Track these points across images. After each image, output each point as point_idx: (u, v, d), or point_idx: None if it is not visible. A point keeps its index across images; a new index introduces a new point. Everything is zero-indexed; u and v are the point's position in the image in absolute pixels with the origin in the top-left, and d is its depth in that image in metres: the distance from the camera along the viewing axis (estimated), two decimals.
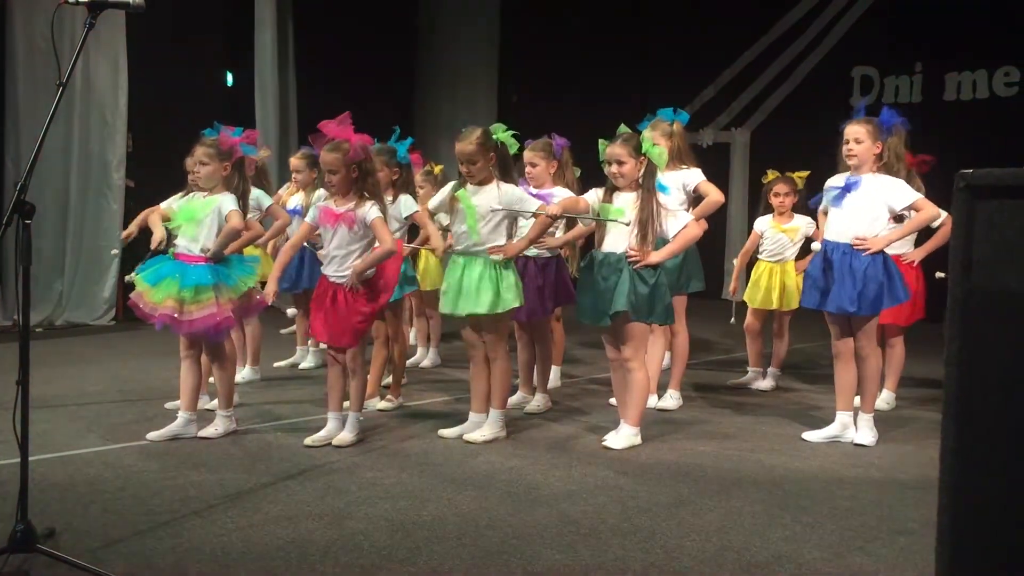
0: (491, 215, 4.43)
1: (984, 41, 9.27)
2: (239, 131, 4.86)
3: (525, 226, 4.72)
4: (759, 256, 6.12)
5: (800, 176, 6.11)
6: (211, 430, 4.53)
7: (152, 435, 4.45)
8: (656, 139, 4.67)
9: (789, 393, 5.99)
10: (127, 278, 4.75)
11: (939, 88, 9.80)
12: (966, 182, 1.85)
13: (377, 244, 4.38)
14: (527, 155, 5.26)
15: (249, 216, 4.76)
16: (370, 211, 4.33)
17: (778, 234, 6.03)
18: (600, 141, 4.49)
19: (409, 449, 4.43)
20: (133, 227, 5.11)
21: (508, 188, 4.51)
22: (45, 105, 2.99)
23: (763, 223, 6.10)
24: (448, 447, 4.46)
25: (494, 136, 4.56)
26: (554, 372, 5.76)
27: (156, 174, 6.65)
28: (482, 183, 4.49)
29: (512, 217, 4.57)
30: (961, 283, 1.88)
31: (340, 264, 4.40)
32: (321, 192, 4.99)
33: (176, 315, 4.28)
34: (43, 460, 4.07)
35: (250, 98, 9.80)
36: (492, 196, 4.45)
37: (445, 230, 5.13)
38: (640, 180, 4.39)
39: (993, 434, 1.85)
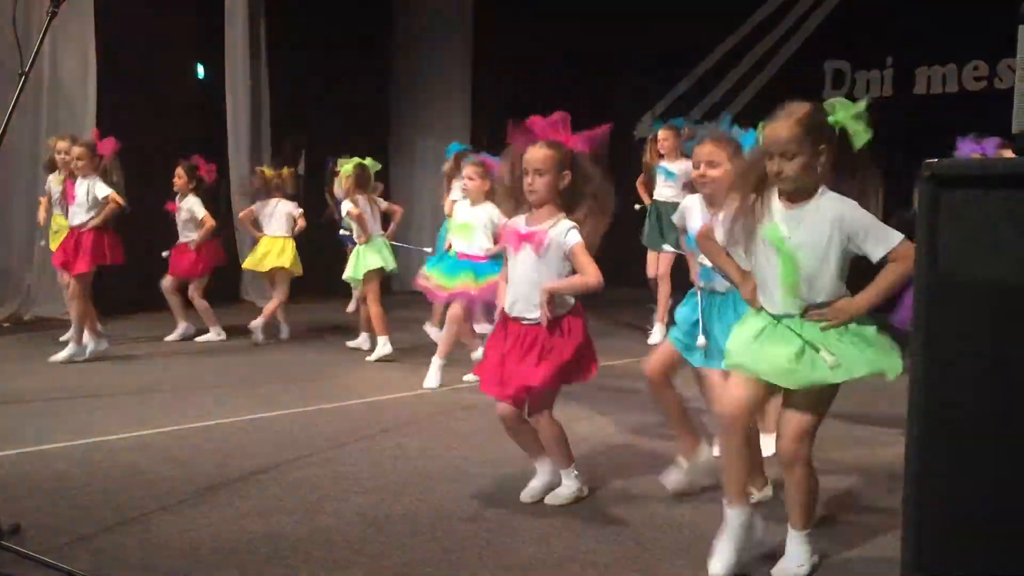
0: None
1: (953, 36, 9.35)
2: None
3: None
4: None
5: None
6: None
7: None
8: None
9: None
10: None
11: (910, 82, 9.89)
12: (931, 171, 1.87)
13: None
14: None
15: None
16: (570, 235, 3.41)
17: None
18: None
19: (383, 443, 4.41)
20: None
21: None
22: (9, 95, 2.94)
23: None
24: (422, 440, 4.45)
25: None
26: None
27: (126, 167, 6.56)
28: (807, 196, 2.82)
29: None
30: (926, 273, 1.89)
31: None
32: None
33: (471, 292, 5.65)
34: (9, 455, 4.03)
35: (221, 91, 9.72)
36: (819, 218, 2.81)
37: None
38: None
39: (958, 424, 1.86)
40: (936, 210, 1.84)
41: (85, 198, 6.31)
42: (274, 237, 7.58)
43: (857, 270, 2.81)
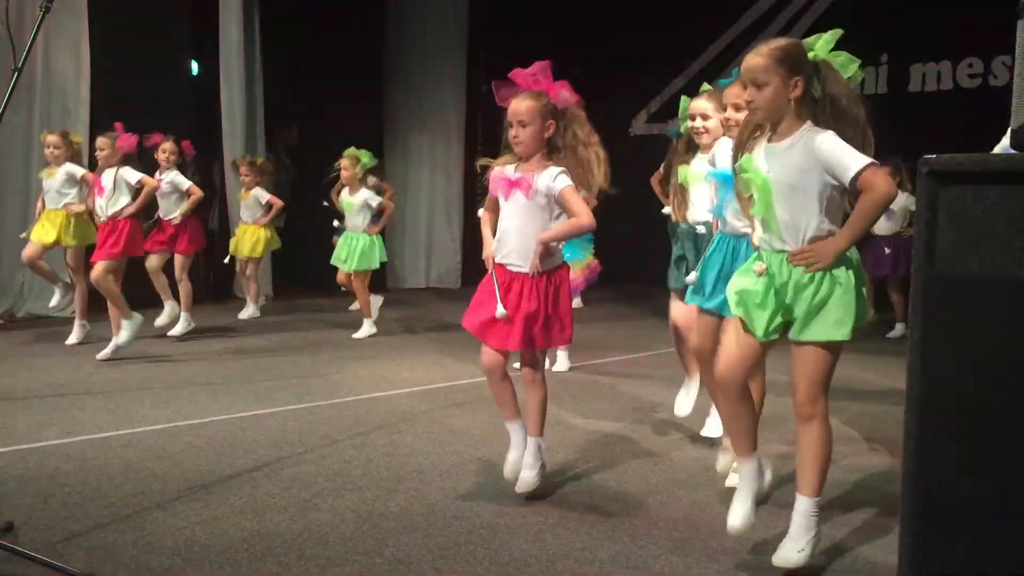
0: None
1: (948, 33, 9.36)
2: None
3: None
4: None
5: None
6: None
7: None
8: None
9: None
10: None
11: (904, 79, 9.90)
12: (930, 167, 1.86)
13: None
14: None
15: None
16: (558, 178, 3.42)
17: None
18: (683, 98, 4.12)
19: (376, 440, 4.40)
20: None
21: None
22: (3, 93, 2.92)
23: None
24: (415, 437, 4.44)
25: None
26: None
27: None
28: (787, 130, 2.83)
29: None
30: (924, 269, 1.88)
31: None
32: None
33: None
34: (2, 453, 4.02)
35: (216, 87, 9.69)
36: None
37: None
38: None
39: (956, 420, 1.86)
40: (934, 206, 1.84)
41: (113, 186, 6.32)
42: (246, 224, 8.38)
43: None
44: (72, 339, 6.82)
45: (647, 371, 6.14)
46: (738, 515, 2.91)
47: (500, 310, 3.41)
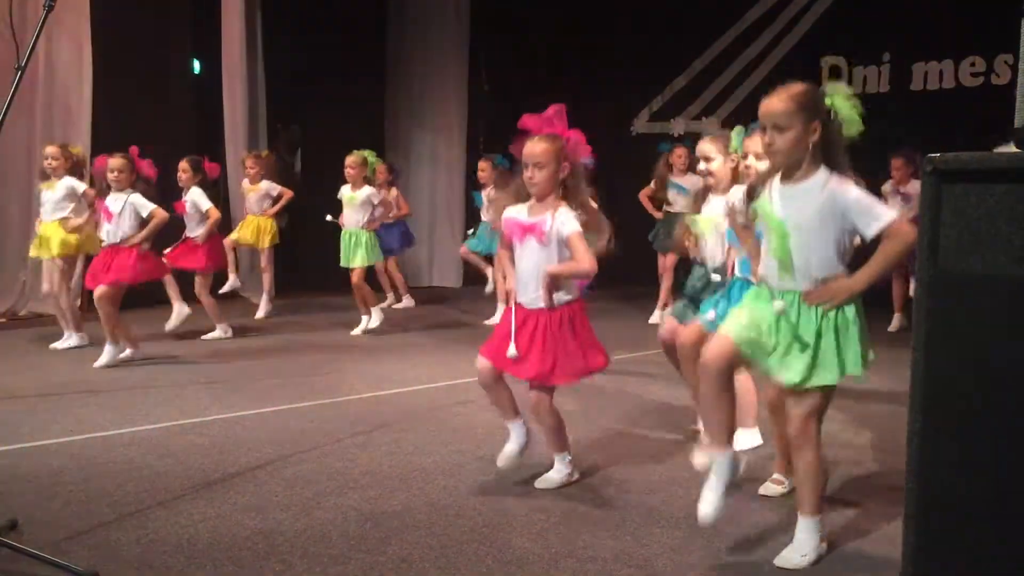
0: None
1: (951, 32, 9.34)
2: None
3: None
4: None
5: None
6: None
7: None
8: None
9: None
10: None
11: (907, 78, 9.88)
12: (933, 166, 1.86)
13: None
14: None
15: None
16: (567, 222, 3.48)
17: None
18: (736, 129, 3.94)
19: (379, 439, 4.40)
20: None
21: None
22: (4, 91, 2.92)
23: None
24: (418, 436, 4.44)
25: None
26: None
27: None
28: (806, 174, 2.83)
29: None
30: (927, 267, 1.88)
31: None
32: None
33: None
34: (6, 452, 4.02)
35: (217, 86, 9.69)
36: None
37: None
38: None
39: (959, 417, 1.86)
40: (937, 204, 1.84)
41: (121, 213, 6.08)
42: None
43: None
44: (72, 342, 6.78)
45: (649, 370, 6.13)
46: (709, 504, 2.88)
47: (512, 350, 3.48)
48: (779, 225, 2.79)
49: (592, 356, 3.58)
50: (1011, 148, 1.94)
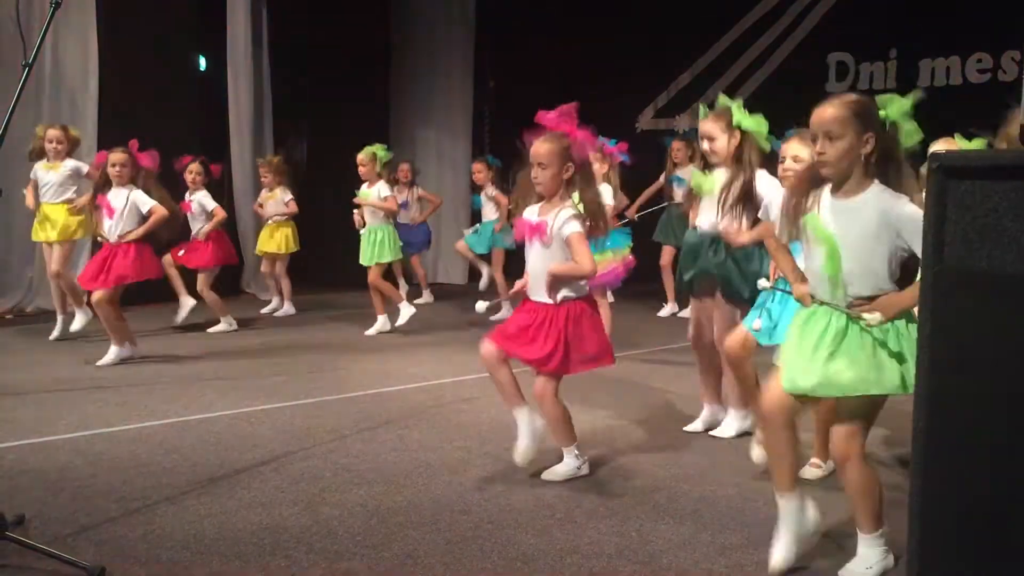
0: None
1: (957, 28, 9.31)
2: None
3: None
4: None
5: None
6: None
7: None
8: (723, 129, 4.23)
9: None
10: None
11: (913, 74, 9.85)
12: (939, 163, 1.86)
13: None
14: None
15: None
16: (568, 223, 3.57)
17: None
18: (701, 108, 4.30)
19: (384, 435, 4.41)
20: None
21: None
22: (12, 88, 2.93)
23: None
24: (423, 432, 4.45)
25: None
26: None
27: None
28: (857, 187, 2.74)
29: None
30: (933, 264, 1.88)
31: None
32: None
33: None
34: (13, 447, 4.03)
35: (223, 83, 9.70)
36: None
37: None
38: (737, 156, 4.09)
39: (964, 415, 1.86)
40: (943, 201, 1.83)
41: (124, 209, 6.05)
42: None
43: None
44: (75, 326, 6.79)
45: (655, 367, 6.13)
46: (777, 556, 2.84)
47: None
48: (830, 240, 2.67)
49: (597, 351, 3.65)
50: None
